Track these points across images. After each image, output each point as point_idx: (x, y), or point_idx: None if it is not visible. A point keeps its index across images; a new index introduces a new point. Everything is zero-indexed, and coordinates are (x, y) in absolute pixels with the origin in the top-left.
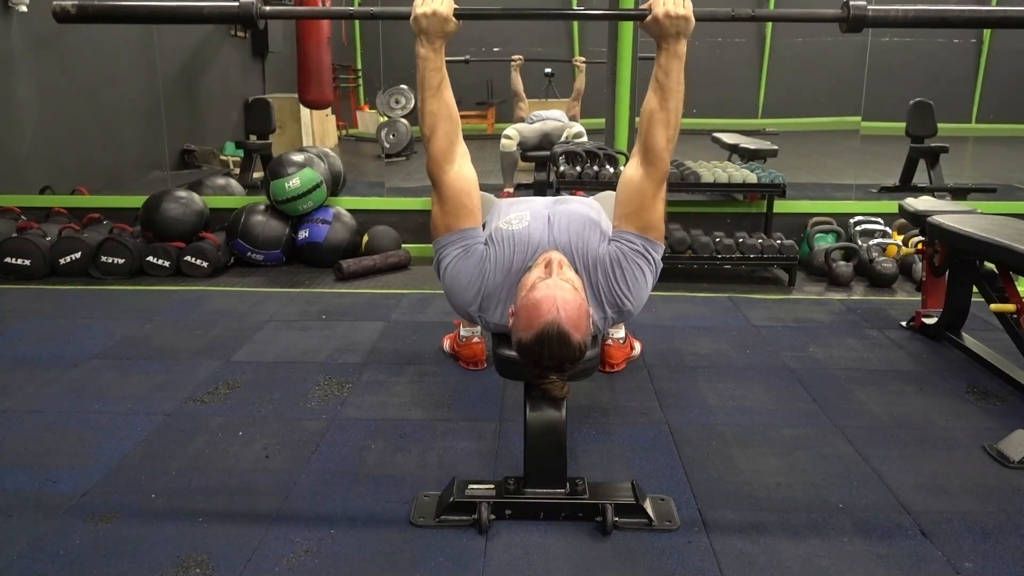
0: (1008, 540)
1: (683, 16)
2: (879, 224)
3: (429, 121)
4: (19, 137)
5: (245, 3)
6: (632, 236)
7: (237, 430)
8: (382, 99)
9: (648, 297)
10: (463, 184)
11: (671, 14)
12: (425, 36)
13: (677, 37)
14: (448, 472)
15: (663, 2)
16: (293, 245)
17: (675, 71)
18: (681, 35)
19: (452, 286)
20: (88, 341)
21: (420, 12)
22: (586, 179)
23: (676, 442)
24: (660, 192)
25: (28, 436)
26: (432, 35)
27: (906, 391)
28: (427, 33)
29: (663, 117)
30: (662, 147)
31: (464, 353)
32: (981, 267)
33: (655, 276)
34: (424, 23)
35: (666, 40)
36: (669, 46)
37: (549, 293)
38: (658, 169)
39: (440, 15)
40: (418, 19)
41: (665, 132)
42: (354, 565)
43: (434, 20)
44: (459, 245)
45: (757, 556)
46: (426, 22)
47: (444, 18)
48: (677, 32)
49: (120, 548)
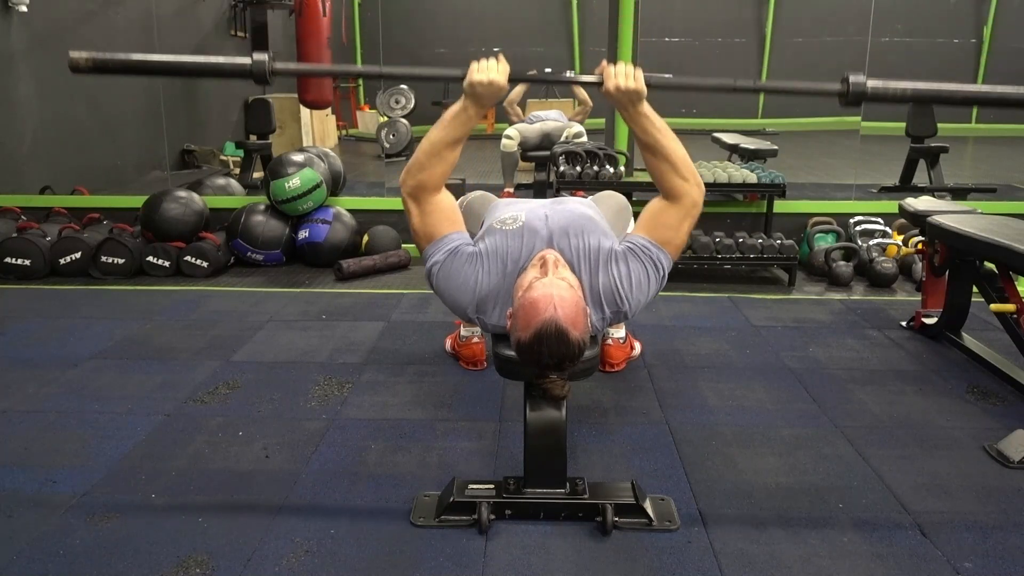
0: (1008, 540)
1: (633, 90)
2: (879, 224)
3: (434, 161)
4: (19, 137)
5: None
6: (645, 241)
7: (237, 430)
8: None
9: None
10: (446, 202)
11: (621, 88)
12: (476, 100)
13: (634, 104)
14: (448, 472)
15: (613, 75)
16: (293, 245)
17: (649, 126)
18: (637, 102)
19: (445, 290)
20: (88, 341)
21: (477, 80)
22: (586, 179)
23: (676, 442)
24: (689, 217)
25: (28, 436)
26: (484, 100)
27: (906, 391)
28: (479, 98)
29: (666, 166)
30: (680, 185)
31: (464, 353)
32: (981, 267)
33: (659, 285)
34: (480, 90)
35: (624, 108)
36: (629, 112)
37: (546, 292)
38: (684, 201)
39: (496, 85)
40: (474, 85)
41: (676, 174)
42: (354, 565)
43: (490, 88)
44: (445, 250)
45: (757, 556)
46: (482, 89)
47: (500, 87)
48: (631, 101)
49: (120, 548)
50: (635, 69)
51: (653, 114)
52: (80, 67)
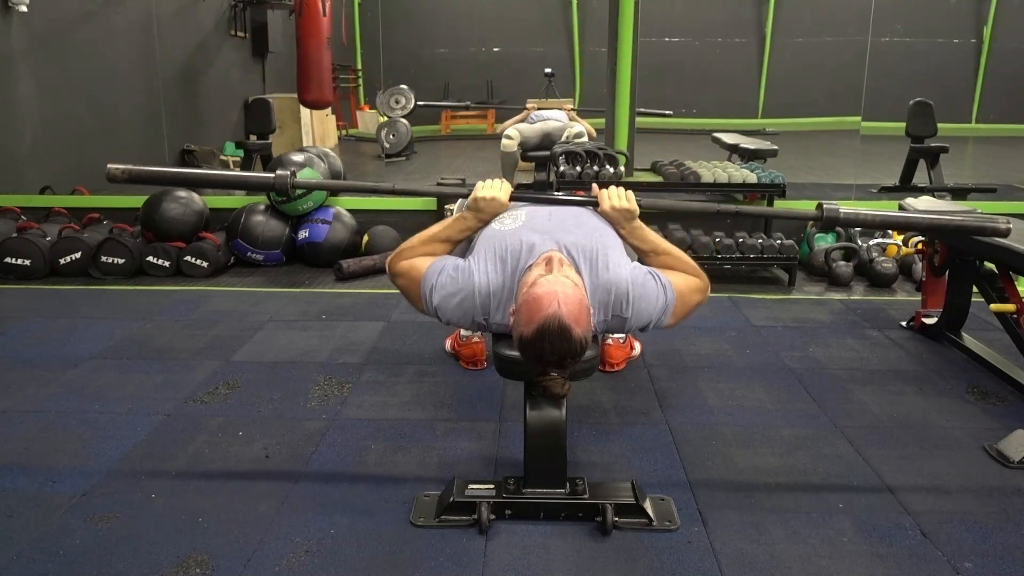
0: (1008, 540)
1: (626, 209)
2: None
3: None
4: (19, 137)
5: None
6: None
7: (237, 430)
8: (382, 99)
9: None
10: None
11: (615, 207)
12: (479, 213)
13: (628, 221)
14: (448, 472)
15: (607, 197)
16: (293, 245)
17: (645, 237)
18: (630, 220)
19: (447, 306)
20: (88, 341)
21: (481, 196)
22: (586, 179)
23: (676, 442)
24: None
25: (28, 436)
26: (486, 215)
27: (906, 391)
28: (481, 212)
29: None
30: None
31: (464, 353)
32: (981, 267)
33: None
34: (482, 205)
35: (619, 225)
36: (624, 229)
37: (550, 288)
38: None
39: (498, 202)
40: (478, 201)
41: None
42: (354, 565)
43: (492, 204)
44: (435, 272)
45: (757, 556)
46: (484, 204)
47: (501, 204)
48: (626, 219)
49: (120, 548)
50: (626, 191)
51: (645, 228)
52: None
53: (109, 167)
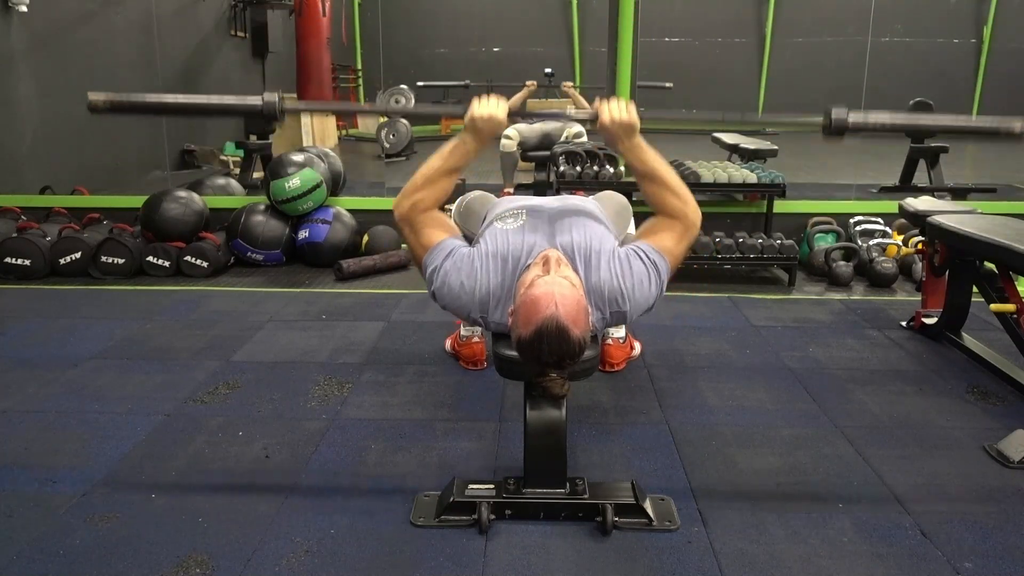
0: (1008, 540)
1: (627, 122)
2: (879, 224)
3: (430, 189)
4: (19, 137)
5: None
6: (646, 246)
7: (237, 430)
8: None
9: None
10: (438, 215)
11: (616, 120)
12: (476, 134)
13: (628, 136)
14: (448, 472)
15: (607, 110)
16: (293, 245)
17: (644, 157)
18: (631, 135)
19: (447, 295)
20: (88, 341)
21: (478, 115)
22: (586, 179)
23: (676, 442)
24: (686, 236)
25: (28, 436)
26: (484, 135)
27: (906, 391)
28: (479, 132)
29: (663, 192)
30: (678, 206)
31: (464, 353)
32: (981, 267)
33: (659, 289)
34: (480, 124)
35: (620, 141)
36: (624, 144)
37: (548, 289)
38: (682, 222)
39: (496, 119)
40: (474, 120)
41: (674, 197)
42: (354, 565)
43: (489, 123)
44: (442, 255)
45: (757, 556)
46: (481, 123)
47: (499, 122)
48: (626, 133)
49: (120, 548)
50: (628, 103)
51: (647, 145)
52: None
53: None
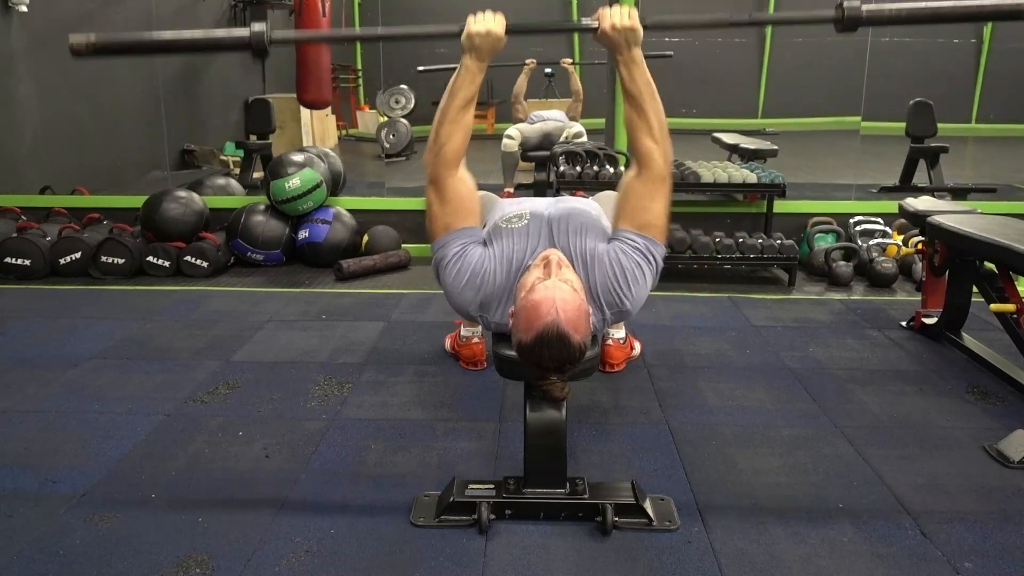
0: (1008, 540)
1: (628, 27)
2: (879, 224)
3: (449, 128)
4: (19, 137)
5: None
6: (632, 234)
7: (237, 430)
8: (382, 99)
9: (648, 297)
10: (466, 187)
11: (617, 26)
12: (475, 52)
13: (628, 46)
14: (448, 472)
15: (609, 15)
16: (293, 245)
17: (638, 75)
18: (632, 44)
19: (451, 286)
20: (88, 341)
21: (474, 31)
22: (586, 179)
23: (676, 442)
24: (659, 191)
25: (28, 436)
26: (483, 52)
27: (906, 391)
28: (478, 50)
29: (642, 123)
30: (650, 148)
31: (464, 353)
32: (981, 267)
33: (655, 276)
34: (478, 41)
35: (619, 51)
36: (623, 55)
37: (548, 294)
38: (651, 169)
39: (494, 35)
40: (471, 37)
41: (649, 134)
42: (354, 565)
43: (488, 39)
44: (458, 244)
45: (757, 556)
46: (479, 40)
47: (497, 37)
48: (627, 41)
49: (120, 548)
50: (631, 9)
51: (644, 65)
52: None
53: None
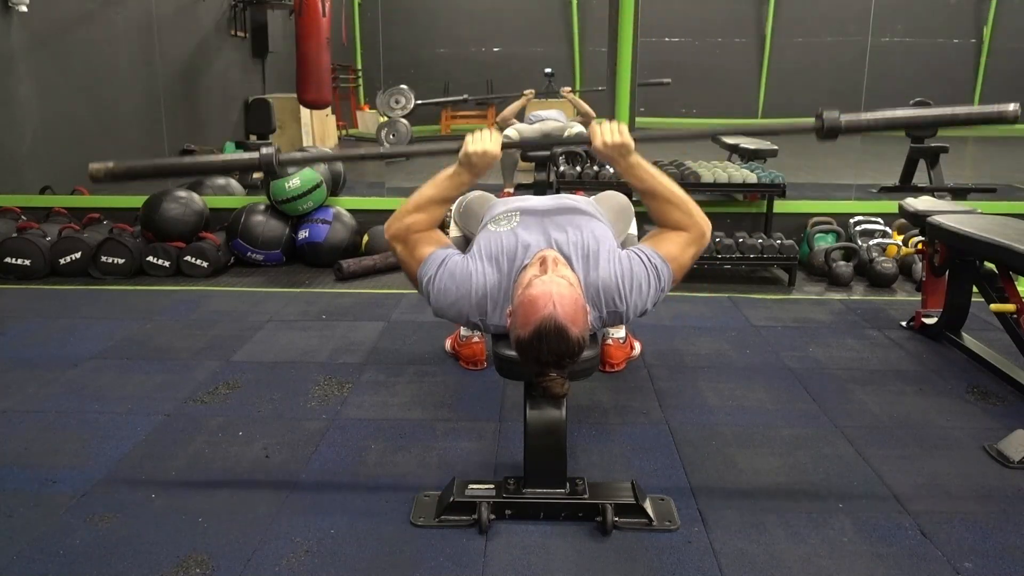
0: (1008, 540)
1: (619, 143)
2: (879, 224)
3: (422, 216)
4: (19, 137)
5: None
6: (653, 254)
7: (237, 430)
8: (382, 99)
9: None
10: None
11: (608, 143)
12: (472, 169)
13: (623, 156)
14: (448, 472)
15: (599, 133)
16: (293, 245)
17: (644, 176)
18: (626, 155)
19: (443, 303)
20: (88, 341)
21: (472, 151)
22: (586, 179)
23: (676, 442)
24: (695, 245)
25: (28, 436)
26: (479, 169)
27: (906, 391)
28: (474, 167)
29: (669, 213)
30: (684, 220)
31: (464, 353)
32: (981, 267)
33: (657, 298)
34: (475, 160)
35: (616, 163)
36: (620, 166)
37: (545, 289)
38: (691, 232)
39: (490, 155)
40: (469, 156)
41: (679, 220)
42: (354, 565)
43: (484, 159)
44: (435, 265)
45: (757, 556)
46: (476, 159)
47: (494, 156)
48: (621, 154)
49: (120, 548)
50: (620, 125)
51: (645, 163)
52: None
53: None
